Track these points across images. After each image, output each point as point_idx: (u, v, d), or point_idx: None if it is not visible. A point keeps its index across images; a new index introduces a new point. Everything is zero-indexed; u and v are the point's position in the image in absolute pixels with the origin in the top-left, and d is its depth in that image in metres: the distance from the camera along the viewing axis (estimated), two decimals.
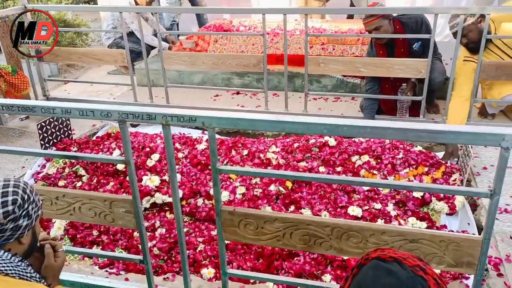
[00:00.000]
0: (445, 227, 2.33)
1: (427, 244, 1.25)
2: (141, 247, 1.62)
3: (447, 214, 2.42)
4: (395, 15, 3.20)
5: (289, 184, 2.57)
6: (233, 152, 2.90)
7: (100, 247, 2.30)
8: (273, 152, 2.83)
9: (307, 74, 3.29)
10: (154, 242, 2.28)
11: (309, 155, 2.81)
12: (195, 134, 3.28)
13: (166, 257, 2.21)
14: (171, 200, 1.65)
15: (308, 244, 1.39)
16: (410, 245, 1.27)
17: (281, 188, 2.53)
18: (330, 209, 2.40)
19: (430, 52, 2.95)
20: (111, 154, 2.90)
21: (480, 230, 2.22)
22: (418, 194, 2.45)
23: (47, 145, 3.02)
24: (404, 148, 2.82)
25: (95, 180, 2.75)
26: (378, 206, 2.40)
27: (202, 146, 2.96)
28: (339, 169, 2.70)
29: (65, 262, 1.35)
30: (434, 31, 2.89)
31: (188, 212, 2.52)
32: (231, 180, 2.65)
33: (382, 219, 2.31)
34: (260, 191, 2.52)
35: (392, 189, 2.47)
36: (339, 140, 2.92)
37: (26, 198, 1.16)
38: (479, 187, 2.46)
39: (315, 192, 2.53)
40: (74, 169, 2.86)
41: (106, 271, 2.09)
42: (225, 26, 4.66)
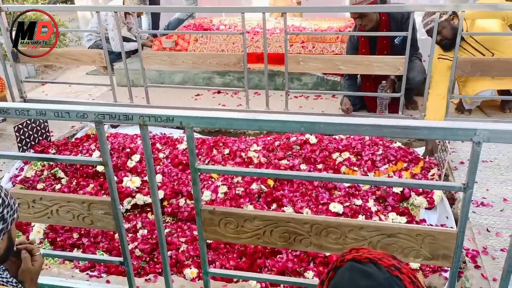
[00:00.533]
0: (424, 221, 2.37)
1: (404, 238, 1.27)
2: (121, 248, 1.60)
3: (426, 209, 2.46)
4: None
5: (270, 182, 2.58)
6: (214, 151, 2.89)
7: (81, 250, 2.27)
8: (254, 151, 2.84)
9: (288, 73, 3.30)
10: (136, 244, 2.27)
11: (290, 153, 2.82)
12: (176, 134, 3.27)
13: (148, 258, 2.20)
14: None
15: (288, 241, 1.40)
16: (388, 239, 1.29)
17: (263, 187, 2.54)
18: (311, 206, 2.42)
19: (408, 48, 2.99)
20: (91, 155, 2.86)
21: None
22: (397, 190, 2.48)
23: (25, 147, 2.96)
24: (384, 145, 2.86)
25: (74, 182, 2.71)
26: (359, 202, 2.43)
27: (183, 146, 2.95)
28: (320, 166, 2.73)
29: (43, 266, 1.33)
30: (411, 29, 2.93)
31: (170, 212, 2.51)
32: (212, 179, 2.64)
33: (363, 215, 2.33)
34: (242, 190, 2.53)
35: (372, 185, 2.50)
36: (320, 137, 2.95)
37: (0, 202, 1.14)
38: (457, 181, 2.51)
39: (296, 190, 2.54)
40: (53, 171, 2.82)
41: (87, 274, 2.07)
42: (205, 25, 4.65)
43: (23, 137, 2.94)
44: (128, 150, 2.87)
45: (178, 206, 2.50)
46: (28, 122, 2.97)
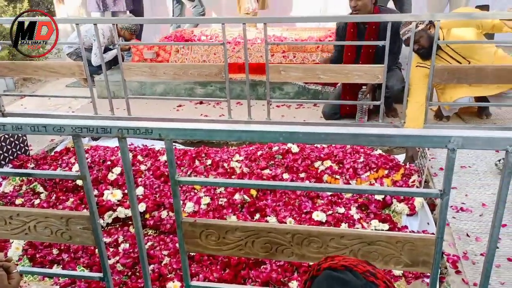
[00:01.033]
0: (406, 227, 2.39)
1: (384, 245, 1.28)
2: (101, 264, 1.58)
3: (407, 215, 2.49)
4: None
5: (253, 192, 2.58)
6: (196, 162, 2.88)
7: (61, 266, 2.23)
8: (236, 161, 2.84)
9: (269, 82, 3.32)
10: (117, 258, 2.24)
11: (272, 162, 2.83)
12: (158, 145, 3.25)
13: (130, 272, 2.16)
14: None
15: (270, 252, 1.39)
16: (368, 247, 1.30)
17: (245, 197, 2.53)
18: (295, 215, 2.42)
19: (386, 57, 3.04)
20: (70, 169, 2.83)
21: None
22: (379, 197, 2.51)
23: (3, 162, 2.91)
24: (365, 152, 2.89)
25: (54, 197, 2.67)
26: (342, 210, 2.44)
27: (165, 158, 2.93)
28: (302, 175, 2.74)
29: (22, 284, 1.30)
30: (389, 37, 2.98)
31: (152, 225, 2.48)
32: (195, 190, 2.63)
33: (345, 223, 2.35)
34: (225, 200, 2.52)
35: (352, 193, 2.51)
36: (302, 146, 2.96)
37: None
38: (437, 187, 2.55)
39: (279, 199, 2.54)
40: (31, 186, 2.77)
41: None
42: (186, 36, 4.66)
43: (0, 151, 2.89)
44: (109, 163, 2.84)
45: (160, 218, 2.48)
46: (6, 136, 2.92)
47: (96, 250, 2.24)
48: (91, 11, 5.26)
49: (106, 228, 2.51)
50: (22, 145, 3.07)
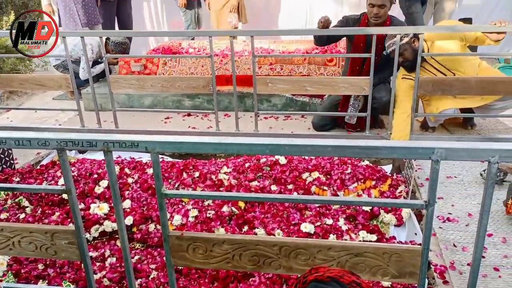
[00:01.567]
0: (394, 238, 2.40)
1: (371, 257, 1.29)
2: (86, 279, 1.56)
3: (395, 226, 2.50)
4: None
5: (241, 204, 2.57)
6: (184, 174, 2.87)
7: (46, 282, 2.19)
8: (224, 173, 2.83)
9: (257, 94, 3.34)
10: (104, 273, 2.20)
11: (260, 174, 2.83)
12: (145, 158, 3.23)
13: (117, 287, 2.13)
14: None
15: (257, 264, 1.39)
16: (356, 259, 1.30)
17: (234, 209, 2.52)
18: (283, 227, 2.42)
19: (371, 69, 3.07)
20: (56, 182, 2.79)
21: None
22: (367, 208, 2.52)
23: None
24: (352, 163, 2.91)
25: (39, 211, 2.63)
26: (330, 221, 2.44)
27: (152, 170, 2.91)
28: (290, 186, 2.74)
29: None
30: (374, 50, 3.02)
31: (140, 238, 2.46)
32: (183, 203, 2.62)
33: (334, 234, 2.35)
34: (213, 213, 2.51)
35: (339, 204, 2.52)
36: (290, 158, 2.97)
37: None
38: (423, 197, 2.56)
39: (268, 211, 2.54)
40: (17, 200, 2.73)
41: None
42: (174, 49, 4.66)
43: None
44: (95, 176, 2.81)
45: (147, 231, 2.45)
46: None
47: (82, 265, 2.21)
48: (64, 29, 5.14)
49: (92, 242, 2.48)
50: (7, 158, 3.03)
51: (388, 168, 2.99)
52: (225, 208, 2.52)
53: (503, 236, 2.23)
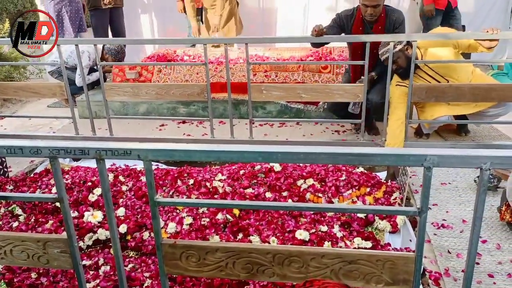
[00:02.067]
0: (389, 245, 2.40)
1: (365, 264, 1.28)
2: None
3: (390, 232, 2.49)
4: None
5: (236, 211, 2.56)
6: (179, 182, 2.86)
7: None
8: (219, 180, 2.82)
9: (251, 101, 3.34)
10: (97, 281, 2.18)
11: (255, 181, 2.82)
12: (140, 165, 3.22)
13: None
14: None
15: (251, 272, 1.38)
16: (349, 266, 1.30)
17: (228, 216, 2.51)
18: (278, 234, 2.41)
19: (365, 76, 3.09)
20: (50, 190, 2.78)
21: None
22: (361, 215, 2.51)
23: None
24: (347, 170, 2.91)
25: (32, 219, 2.61)
26: (325, 228, 2.44)
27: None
28: (285, 193, 2.73)
29: None
30: (368, 57, 3.04)
31: (134, 246, 2.44)
32: (177, 210, 2.60)
33: (329, 241, 2.34)
34: (207, 220, 2.50)
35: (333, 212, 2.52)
36: (284, 165, 2.97)
37: None
38: (418, 204, 2.57)
39: (262, 218, 2.53)
40: (10, 208, 2.71)
41: None
42: (169, 56, 4.67)
43: None
44: (89, 184, 2.80)
45: (141, 239, 2.44)
46: None
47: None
48: None
49: (86, 250, 2.46)
50: (1, 166, 3.02)
51: (382, 175, 3.00)
52: (219, 216, 2.51)
53: (497, 242, 2.23)
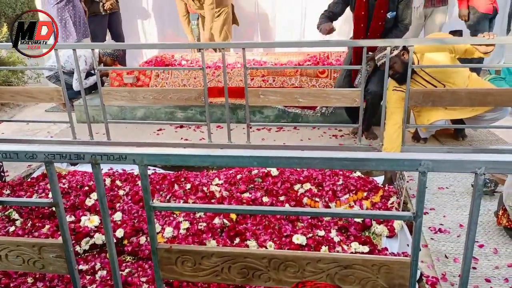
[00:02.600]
0: (386, 249, 2.40)
1: (360, 269, 1.28)
2: None
3: (387, 237, 2.49)
4: None
5: (233, 216, 2.56)
6: (176, 186, 2.86)
7: None
8: (216, 185, 2.82)
9: (249, 106, 3.35)
10: (94, 286, 2.18)
11: (252, 186, 2.82)
12: (137, 170, 3.21)
13: None
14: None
15: (247, 277, 1.38)
16: (345, 271, 1.30)
17: (225, 221, 2.51)
18: (275, 239, 2.40)
19: (363, 81, 3.09)
20: (47, 195, 2.77)
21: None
22: (358, 219, 2.51)
23: None
24: (344, 175, 2.91)
25: (29, 224, 2.60)
26: (322, 233, 2.43)
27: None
28: (282, 198, 2.73)
29: None
30: (365, 61, 3.05)
31: (131, 251, 2.43)
32: (174, 215, 2.60)
33: (326, 246, 2.34)
34: (204, 225, 2.49)
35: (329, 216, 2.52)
36: (281, 169, 2.97)
37: None
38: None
39: (259, 223, 2.53)
40: (6, 213, 2.70)
41: None
42: (166, 61, 4.68)
43: None
44: (86, 188, 2.79)
45: (138, 244, 2.43)
46: None
47: None
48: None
49: (83, 255, 2.45)
50: None
51: (380, 179, 3.00)
52: (216, 220, 2.51)
53: (494, 247, 2.23)
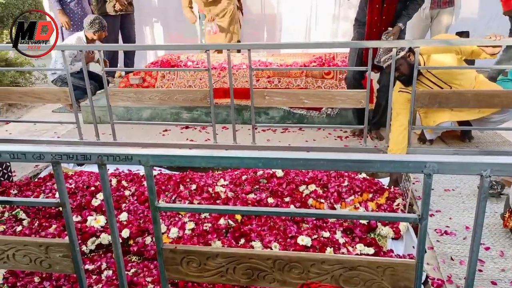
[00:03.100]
0: (391, 251, 2.39)
1: (365, 270, 1.28)
2: None
3: (393, 239, 2.48)
4: None
5: (238, 217, 2.56)
6: (181, 187, 2.87)
7: None
8: (221, 186, 2.83)
9: (254, 107, 3.35)
10: (100, 286, 2.19)
11: (257, 187, 2.83)
12: (143, 170, 3.22)
13: None
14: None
15: (251, 278, 1.38)
16: (350, 273, 1.30)
17: (230, 222, 2.52)
18: (280, 240, 2.41)
19: (368, 82, 3.08)
20: (54, 195, 2.79)
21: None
22: (364, 221, 2.51)
23: None
24: (349, 176, 2.90)
25: (36, 224, 2.62)
26: (327, 234, 2.43)
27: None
28: (287, 199, 2.73)
29: None
30: (371, 62, 3.05)
31: (136, 251, 2.44)
32: (180, 216, 2.61)
33: (331, 247, 2.34)
34: (209, 225, 2.50)
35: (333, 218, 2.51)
36: (287, 170, 2.97)
37: None
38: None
39: (264, 224, 2.53)
40: (13, 213, 2.72)
41: None
42: (172, 62, 4.70)
43: None
44: (93, 189, 2.81)
45: (144, 244, 2.44)
46: None
47: None
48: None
49: (89, 255, 2.47)
50: (5, 171, 3.04)
51: (385, 181, 2.99)
52: (221, 221, 2.51)
53: (501, 249, 2.22)
